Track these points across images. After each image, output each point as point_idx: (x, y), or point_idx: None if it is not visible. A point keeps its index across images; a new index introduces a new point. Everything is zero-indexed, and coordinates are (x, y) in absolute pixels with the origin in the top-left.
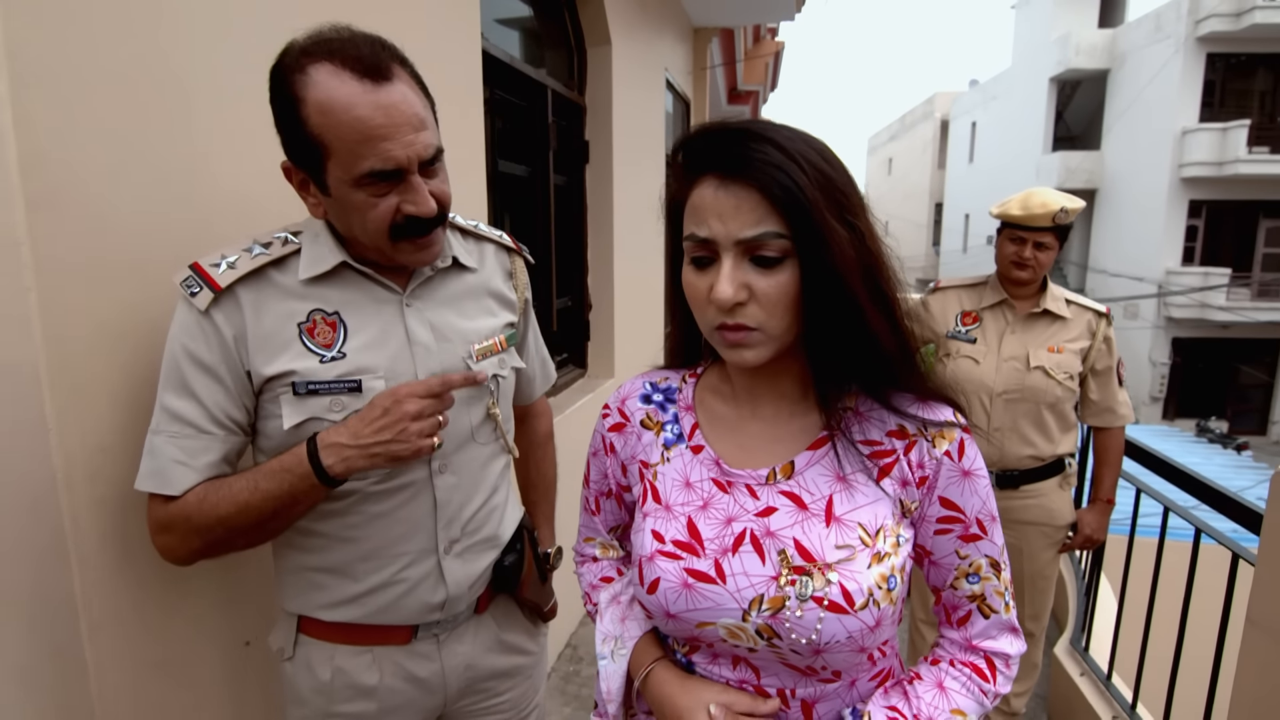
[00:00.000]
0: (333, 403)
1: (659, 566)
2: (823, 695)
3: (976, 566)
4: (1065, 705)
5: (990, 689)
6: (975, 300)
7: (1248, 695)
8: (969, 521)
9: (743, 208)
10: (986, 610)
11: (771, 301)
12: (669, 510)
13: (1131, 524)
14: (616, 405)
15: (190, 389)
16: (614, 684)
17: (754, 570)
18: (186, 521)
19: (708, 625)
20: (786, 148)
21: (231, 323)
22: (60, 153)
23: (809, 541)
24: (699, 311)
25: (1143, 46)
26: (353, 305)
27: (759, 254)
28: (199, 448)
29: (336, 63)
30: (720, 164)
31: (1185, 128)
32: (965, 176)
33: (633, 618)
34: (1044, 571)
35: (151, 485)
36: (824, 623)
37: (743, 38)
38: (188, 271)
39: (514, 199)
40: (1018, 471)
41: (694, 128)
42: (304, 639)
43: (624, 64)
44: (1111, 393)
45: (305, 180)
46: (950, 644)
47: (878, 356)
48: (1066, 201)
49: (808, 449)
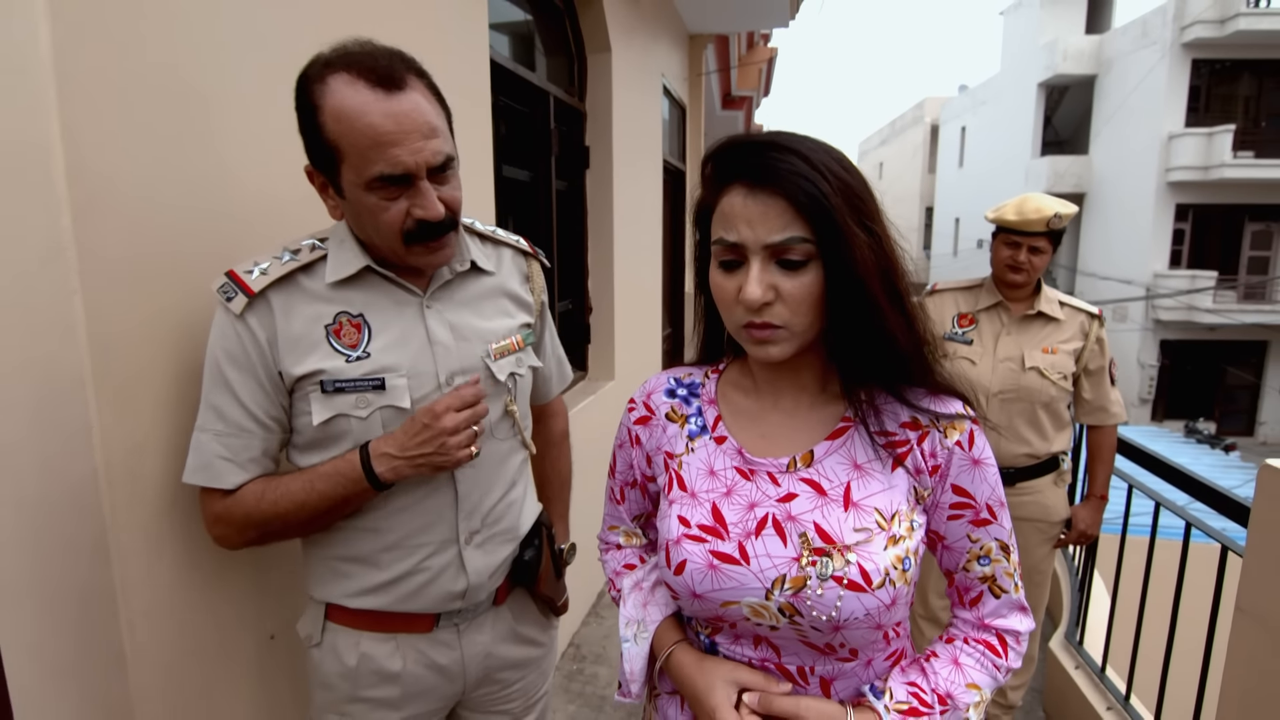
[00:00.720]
0: (358, 400)
1: (685, 549)
2: (840, 673)
3: (987, 549)
4: (1060, 698)
5: (1003, 664)
6: (971, 303)
7: (1237, 679)
8: (979, 507)
9: (770, 214)
10: (997, 590)
11: (796, 301)
12: (694, 497)
13: (1124, 520)
14: (642, 399)
15: (231, 389)
16: (636, 665)
17: (776, 552)
18: (245, 516)
19: (732, 604)
20: (810, 158)
21: (264, 325)
22: (101, 162)
23: (828, 525)
24: (727, 311)
25: (1129, 52)
26: (376, 307)
27: (785, 257)
28: (240, 445)
29: (353, 73)
30: (748, 173)
31: (1171, 132)
32: (955, 181)
33: (654, 603)
34: (1039, 566)
35: (200, 479)
36: (843, 600)
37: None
38: (224, 278)
39: (517, 203)
40: (1013, 469)
41: (723, 140)
42: (331, 626)
43: (623, 70)
44: (1104, 392)
45: (324, 184)
46: (964, 624)
47: (894, 352)
48: (1060, 207)
49: (826, 439)
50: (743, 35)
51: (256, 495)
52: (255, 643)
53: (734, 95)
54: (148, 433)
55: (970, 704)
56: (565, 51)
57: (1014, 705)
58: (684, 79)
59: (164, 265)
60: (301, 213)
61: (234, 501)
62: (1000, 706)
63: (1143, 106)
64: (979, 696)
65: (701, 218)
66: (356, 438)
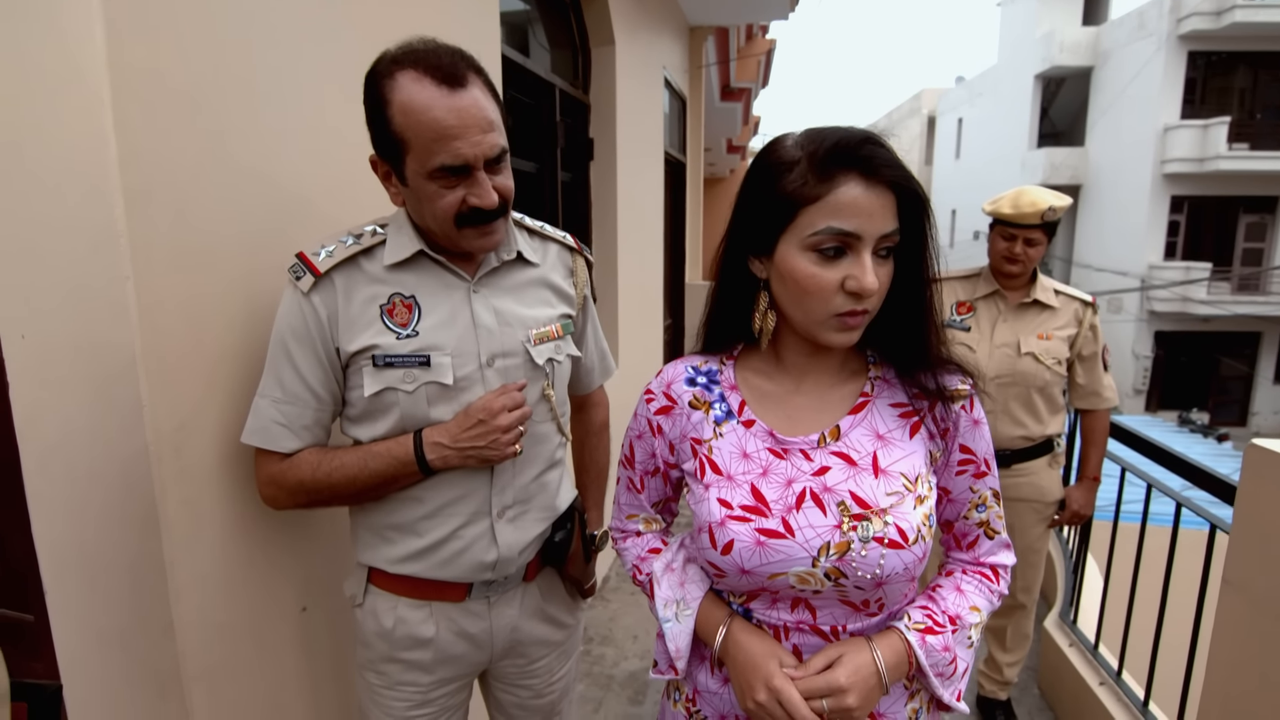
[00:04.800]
0: (405, 374)
1: (731, 530)
2: (869, 628)
3: (984, 498)
4: (1054, 675)
5: (997, 589)
6: (970, 291)
7: (1224, 647)
8: (980, 461)
9: (887, 207)
10: (990, 533)
11: (884, 288)
12: (731, 480)
13: (1117, 500)
14: (661, 390)
15: (292, 360)
16: (682, 642)
17: (818, 522)
18: (299, 483)
19: (779, 575)
20: (897, 157)
21: (326, 304)
22: (152, 152)
23: (863, 492)
24: (821, 300)
25: (1126, 44)
26: (426, 289)
27: (884, 246)
28: (295, 413)
29: (420, 70)
30: (860, 165)
31: (1167, 124)
32: (952, 172)
33: (690, 580)
34: (1034, 546)
35: (257, 441)
36: (886, 558)
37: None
38: (295, 259)
39: (523, 195)
40: (1009, 451)
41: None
42: (372, 589)
43: (626, 63)
44: (1097, 377)
45: (388, 172)
46: (959, 562)
47: (925, 330)
48: (1055, 200)
49: (849, 414)
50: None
51: (312, 465)
52: (293, 614)
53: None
54: (192, 411)
55: (973, 624)
56: (570, 44)
57: (1010, 682)
58: (685, 71)
59: (209, 252)
60: (337, 202)
61: (289, 466)
62: (997, 683)
63: (1139, 98)
64: (980, 618)
65: (784, 205)
66: (403, 410)
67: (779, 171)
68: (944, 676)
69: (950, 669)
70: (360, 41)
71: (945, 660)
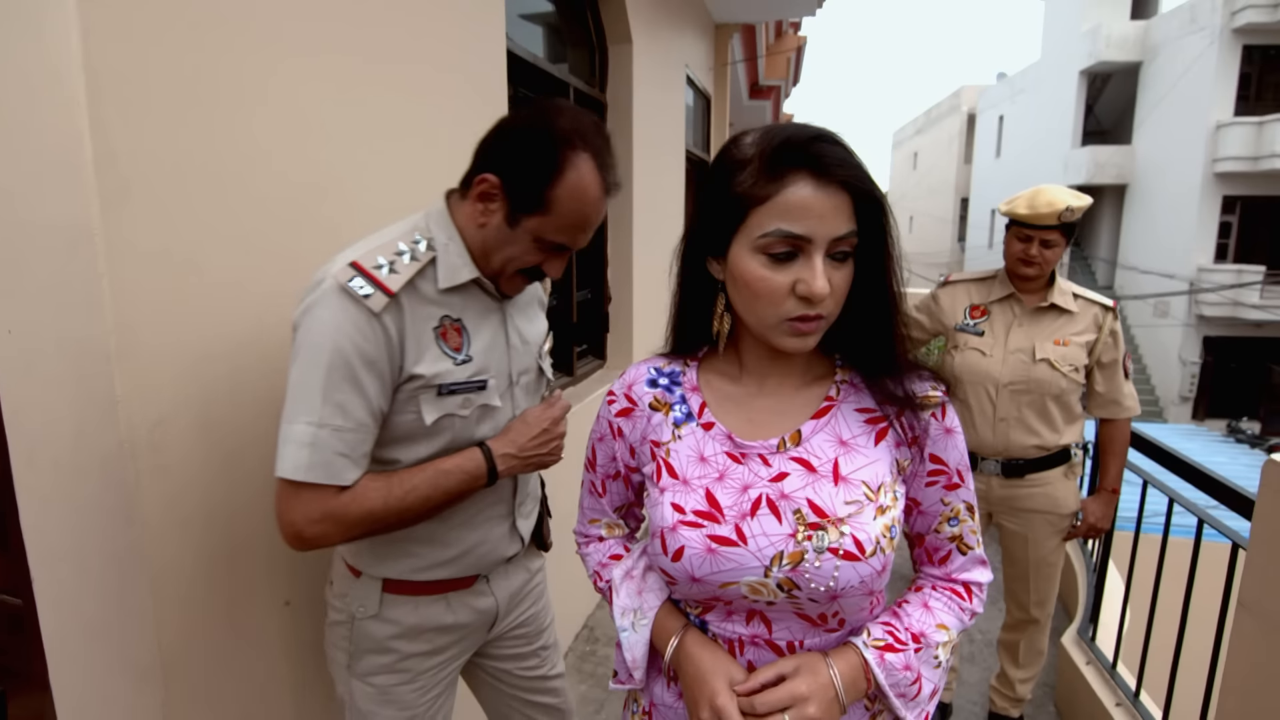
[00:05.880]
0: (464, 400)
1: (682, 535)
2: (828, 644)
3: (956, 511)
4: (1071, 693)
5: (968, 607)
6: (984, 294)
7: (1238, 674)
8: (951, 472)
9: (839, 208)
10: (964, 548)
11: (841, 292)
12: (686, 484)
13: (1138, 516)
14: (622, 391)
15: (360, 386)
16: (638, 652)
17: (772, 530)
18: (368, 514)
19: (731, 585)
20: (854, 152)
21: (396, 325)
22: (130, 153)
23: (820, 500)
24: (772, 304)
25: (1177, 38)
26: (471, 312)
27: (839, 249)
28: (358, 440)
29: (598, 164)
30: (810, 164)
31: (1220, 121)
32: (992, 171)
33: (649, 589)
34: (1048, 559)
35: (318, 476)
36: (840, 570)
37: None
38: (353, 272)
39: None
40: (1023, 461)
41: (777, 130)
42: (389, 597)
43: (644, 61)
44: (1117, 385)
45: (500, 204)
46: (929, 577)
47: (891, 336)
48: (1072, 200)
49: (811, 418)
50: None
51: (383, 494)
52: (276, 608)
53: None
54: (171, 409)
55: (940, 643)
56: (586, 43)
57: (1023, 699)
58: (709, 69)
59: (190, 252)
60: (321, 205)
61: (352, 499)
62: (1009, 700)
63: (1189, 95)
64: (948, 636)
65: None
66: (455, 432)
67: (732, 170)
68: (906, 698)
69: (914, 689)
70: (350, 39)
71: (907, 680)
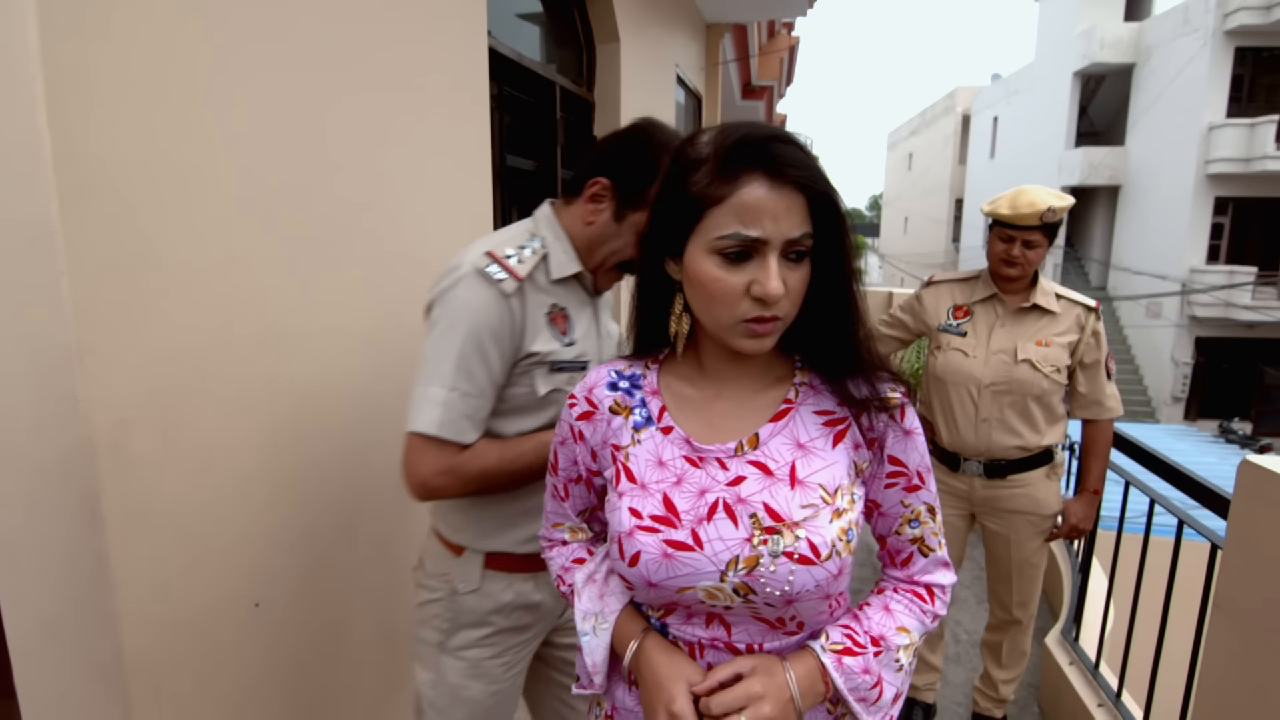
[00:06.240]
0: (569, 378)
1: (639, 540)
2: (787, 648)
3: (917, 513)
4: (1054, 694)
5: (930, 610)
6: (967, 294)
7: (1214, 676)
8: (911, 474)
9: (793, 209)
10: (925, 550)
11: (797, 293)
12: (644, 488)
13: (1120, 517)
14: (583, 394)
15: (487, 358)
16: (598, 657)
17: (728, 535)
18: (481, 472)
19: (687, 590)
20: (809, 152)
21: (520, 307)
22: (90, 150)
23: (777, 504)
24: (726, 305)
25: (1169, 40)
26: (573, 303)
27: (794, 250)
28: (479, 406)
29: None
30: (765, 164)
31: (1212, 123)
32: (986, 172)
33: (610, 593)
34: (1031, 560)
35: (448, 433)
36: (795, 574)
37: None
38: (489, 259)
39: (522, 193)
40: (1005, 461)
41: (732, 129)
42: (488, 573)
43: (633, 60)
44: (1099, 386)
45: (608, 203)
46: (892, 580)
47: (851, 337)
48: (1054, 200)
49: (770, 421)
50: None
51: (497, 456)
52: (245, 609)
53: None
54: (134, 407)
55: (901, 646)
56: (574, 41)
57: (1005, 700)
58: (700, 68)
59: (152, 249)
60: (292, 204)
61: (471, 456)
62: (992, 700)
63: (1182, 96)
64: (909, 639)
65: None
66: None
67: (687, 170)
68: (866, 702)
69: (874, 693)
70: (322, 37)
71: (867, 684)
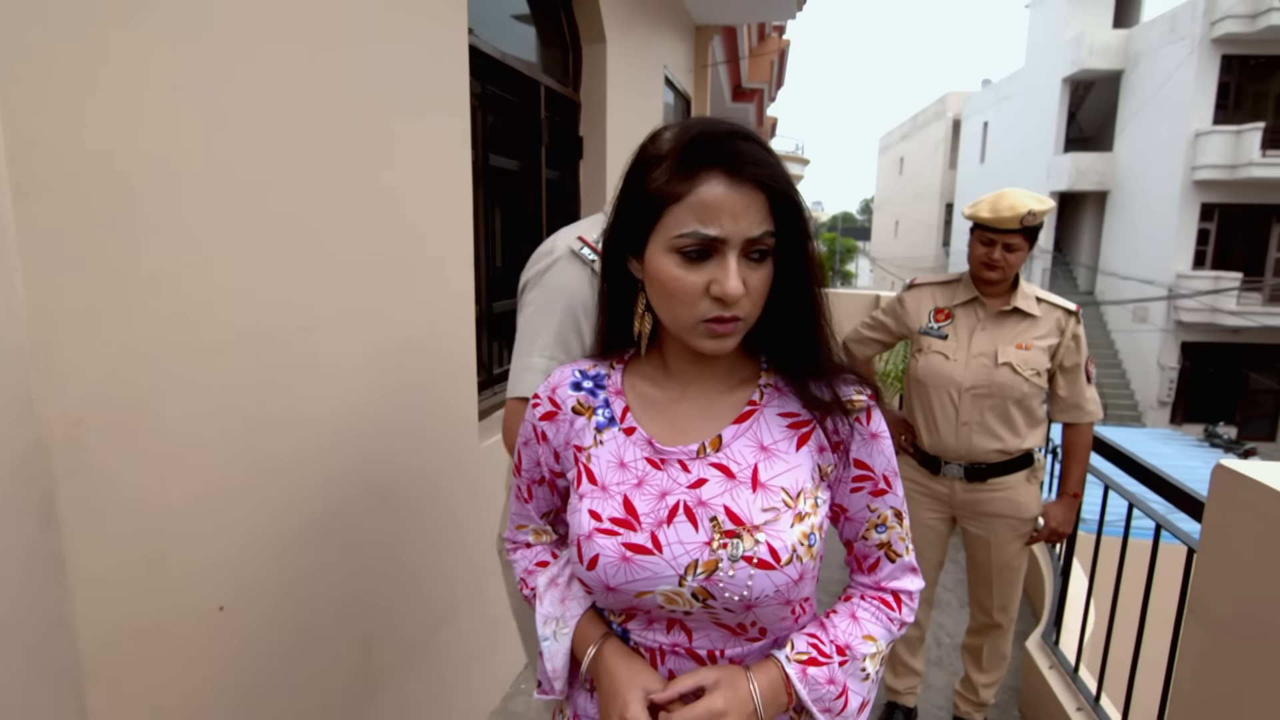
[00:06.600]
0: None
1: (597, 543)
2: (750, 654)
3: (884, 517)
4: (1034, 697)
5: (897, 617)
6: (949, 297)
7: (1187, 680)
8: (877, 478)
9: (752, 208)
10: (892, 555)
11: (759, 293)
12: (605, 490)
13: (1099, 520)
14: (547, 394)
15: (580, 330)
16: (558, 663)
17: (688, 538)
18: None
19: (646, 594)
20: (770, 150)
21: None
22: (45, 145)
23: (738, 507)
24: (686, 305)
25: (1157, 47)
26: None
27: (755, 250)
28: None
29: None
30: (724, 161)
31: (1199, 130)
32: (977, 177)
33: (572, 598)
34: (1011, 563)
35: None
36: (754, 579)
37: (746, 35)
38: (580, 243)
39: (506, 193)
40: (985, 465)
41: (691, 125)
42: None
43: (619, 61)
44: (1079, 389)
45: None
46: (860, 585)
47: (819, 339)
48: (1035, 204)
49: (733, 423)
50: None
51: None
52: (209, 613)
53: (745, 87)
54: (91, 407)
55: (867, 654)
56: (560, 41)
57: (986, 704)
58: (689, 70)
59: (109, 247)
60: (263, 201)
61: None
62: (972, 704)
63: (1170, 103)
64: (875, 648)
65: (651, 205)
66: None
67: (648, 167)
68: (831, 712)
69: (839, 704)
70: (293, 28)
71: (831, 694)
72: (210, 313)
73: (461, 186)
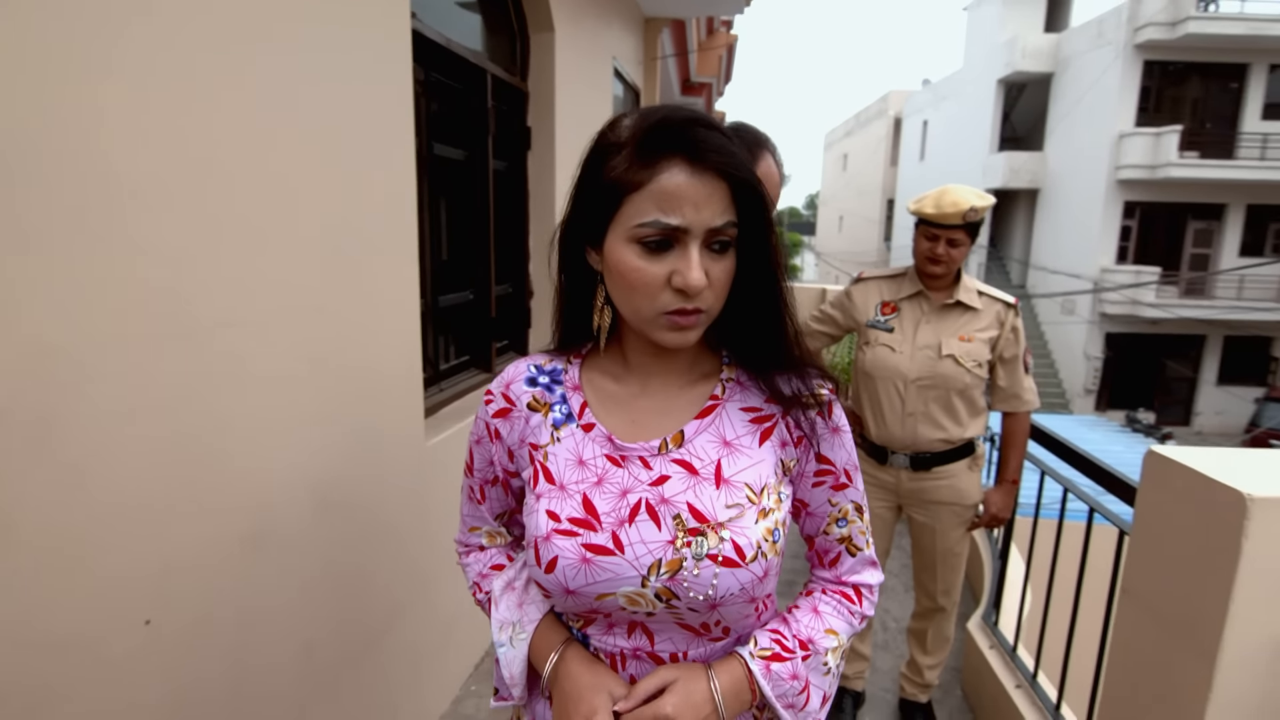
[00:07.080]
0: None
1: (556, 545)
2: (713, 654)
3: (844, 511)
4: (976, 677)
5: (858, 611)
6: (895, 291)
7: (1121, 658)
8: (839, 472)
9: (714, 197)
10: (853, 549)
11: (721, 285)
12: (563, 489)
13: (1036, 505)
14: (500, 390)
15: None
16: (515, 669)
17: (651, 537)
18: None
19: (607, 596)
20: (732, 140)
21: None
22: None
23: (701, 504)
24: (646, 296)
25: (1085, 51)
26: None
27: (717, 240)
28: None
29: None
30: (686, 149)
31: (1122, 132)
32: (917, 174)
33: (530, 601)
34: (954, 549)
35: None
36: (719, 577)
37: (695, 29)
38: None
39: (451, 183)
40: (929, 454)
41: (651, 112)
42: None
43: (568, 52)
44: (1018, 379)
45: None
46: (821, 580)
47: (783, 332)
48: (976, 200)
49: (695, 418)
50: (701, 20)
51: None
52: (136, 627)
53: (694, 81)
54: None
55: (829, 649)
56: (507, 30)
57: (930, 685)
58: (639, 63)
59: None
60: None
61: None
62: (918, 686)
63: (1096, 105)
64: (837, 642)
65: (611, 193)
66: None
67: (607, 154)
68: (795, 708)
69: (801, 699)
70: (217, 6)
71: (795, 689)
72: (135, 307)
73: (405, 176)
